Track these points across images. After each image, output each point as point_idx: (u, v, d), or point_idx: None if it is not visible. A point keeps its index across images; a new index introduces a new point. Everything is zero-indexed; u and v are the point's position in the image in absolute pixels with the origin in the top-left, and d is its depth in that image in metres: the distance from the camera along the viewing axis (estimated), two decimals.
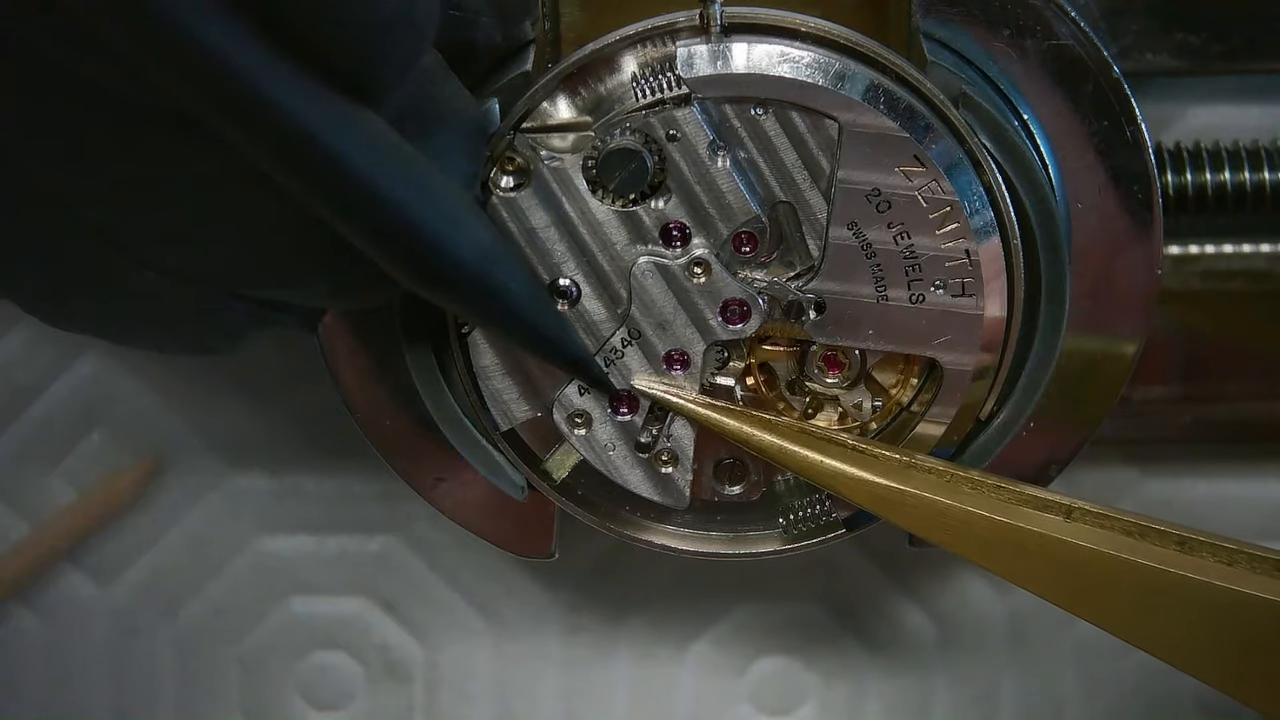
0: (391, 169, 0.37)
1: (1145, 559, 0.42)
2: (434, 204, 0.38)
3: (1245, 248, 0.52)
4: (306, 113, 0.35)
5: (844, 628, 0.56)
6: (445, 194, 0.39)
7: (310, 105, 0.35)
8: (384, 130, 0.38)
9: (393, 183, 0.37)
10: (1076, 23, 0.44)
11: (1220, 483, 0.55)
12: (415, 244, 0.38)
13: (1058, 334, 0.45)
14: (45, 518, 0.55)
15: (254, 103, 0.34)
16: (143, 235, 0.40)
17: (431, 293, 0.40)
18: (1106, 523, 0.42)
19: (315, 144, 0.35)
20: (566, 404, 0.45)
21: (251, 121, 0.35)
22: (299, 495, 0.56)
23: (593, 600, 0.56)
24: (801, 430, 0.44)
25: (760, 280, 0.44)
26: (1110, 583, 0.42)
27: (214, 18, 0.34)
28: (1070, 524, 0.42)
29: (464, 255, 0.39)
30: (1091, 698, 0.56)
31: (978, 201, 0.43)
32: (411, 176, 0.38)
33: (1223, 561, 0.42)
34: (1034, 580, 0.42)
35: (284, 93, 0.35)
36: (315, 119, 0.35)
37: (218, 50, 0.34)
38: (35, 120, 0.37)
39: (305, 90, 0.35)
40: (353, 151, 0.36)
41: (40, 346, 0.55)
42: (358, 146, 0.36)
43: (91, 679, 0.56)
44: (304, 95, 0.35)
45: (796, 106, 0.43)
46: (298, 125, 0.35)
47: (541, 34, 0.45)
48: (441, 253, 0.38)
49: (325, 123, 0.36)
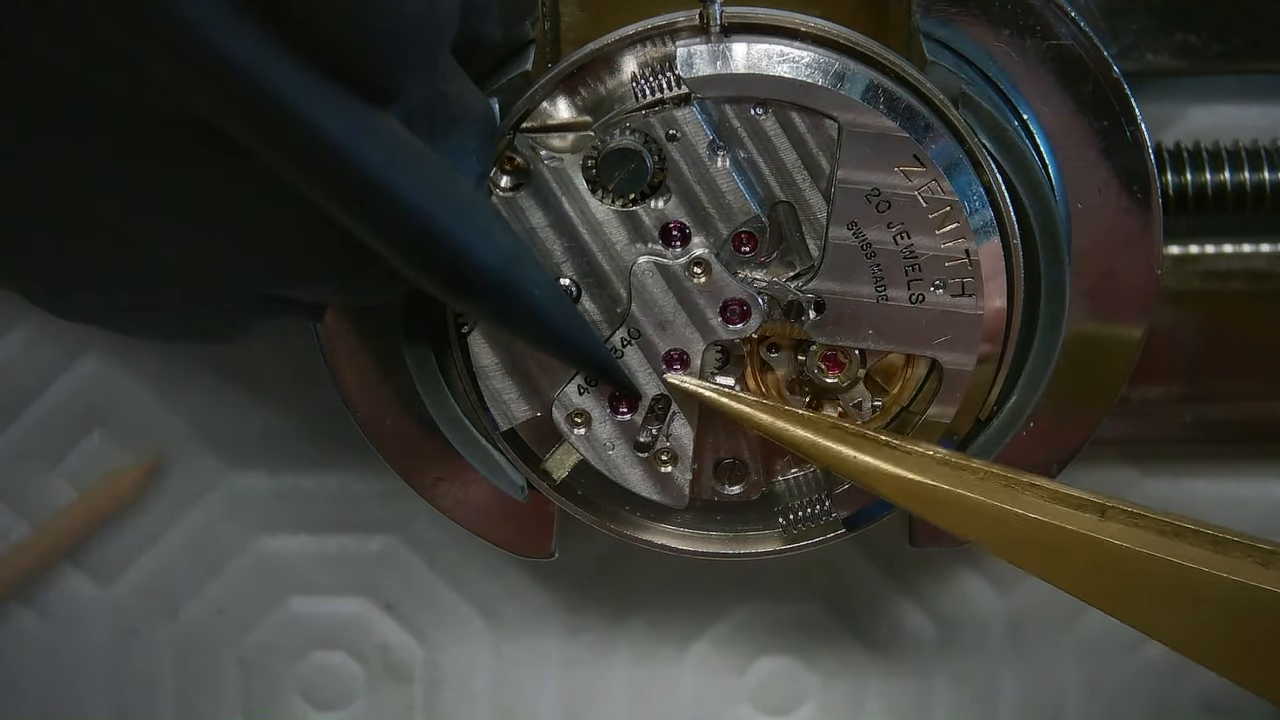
0: (415, 176, 0.37)
1: (1181, 558, 0.41)
2: (457, 210, 0.38)
3: (1245, 248, 0.52)
4: (329, 122, 0.35)
5: (844, 628, 0.56)
6: (467, 199, 0.39)
7: (333, 114, 0.35)
8: (405, 136, 0.38)
9: (416, 190, 0.36)
10: (1076, 23, 0.44)
11: (1220, 483, 0.55)
12: (439, 251, 0.37)
13: (1058, 334, 0.45)
14: (45, 518, 0.55)
15: (276, 113, 0.34)
16: (150, 232, 0.40)
17: (455, 299, 0.40)
18: (1141, 522, 0.42)
19: (338, 153, 0.35)
20: (566, 403, 0.45)
21: (273, 131, 0.34)
22: (299, 495, 0.56)
23: (593, 600, 0.56)
24: (834, 426, 0.43)
25: (760, 280, 0.44)
26: (1146, 581, 0.42)
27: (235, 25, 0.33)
28: (1105, 523, 0.42)
29: (488, 261, 0.38)
30: (1091, 698, 0.56)
31: (978, 201, 0.43)
32: (434, 183, 0.37)
33: (1258, 562, 0.42)
34: (1068, 578, 0.42)
35: (307, 102, 0.34)
36: (338, 128, 0.35)
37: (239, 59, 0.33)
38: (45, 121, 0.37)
39: (328, 98, 0.35)
40: (376, 160, 0.36)
41: (40, 346, 0.55)
42: (381, 154, 0.36)
43: (91, 679, 0.56)
44: (327, 103, 0.35)
45: (796, 106, 0.43)
46: (321, 135, 0.35)
47: (541, 34, 0.45)
48: (466, 259, 0.38)
49: (349, 131, 0.35)
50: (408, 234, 0.37)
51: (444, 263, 0.38)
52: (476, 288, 0.39)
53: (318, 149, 0.35)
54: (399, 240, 0.37)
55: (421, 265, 0.38)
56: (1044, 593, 0.55)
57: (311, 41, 0.35)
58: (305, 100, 0.34)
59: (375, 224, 0.37)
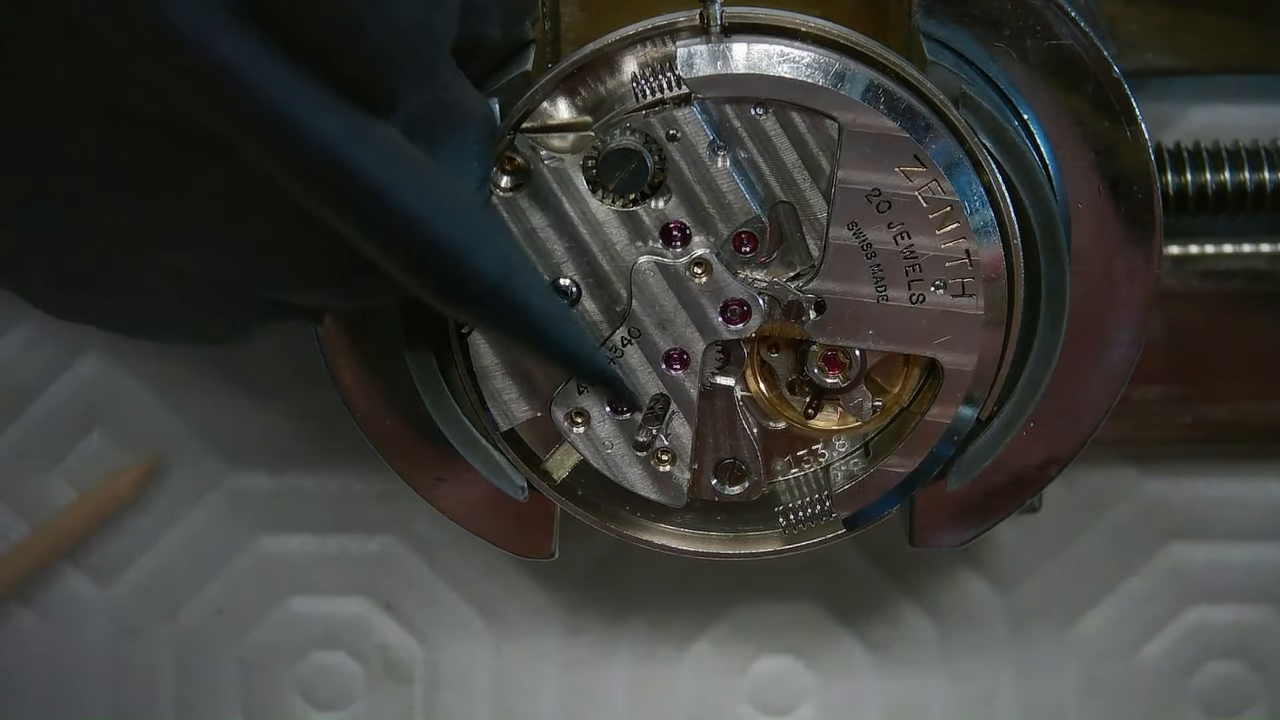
0: (411, 183, 0.36)
1: None
2: (454, 217, 0.37)
3: (1245, 248, 0.52)
4: (323, 127, 0.35)
5: (844, 628, 0.56)
6: (464, 207, 0.39)
7: (327, 119, 0.35)
8: (402, 143, 0.37)
9: (412, 197, 0.36)
10: (1076, 23, 0.44)
11: (1220, 483, 0.55)
12: (435, 259, 0.37)
13: (1058, 334, 0.45)
14: (45, 518, 0.55)
15: (273, 120, 0.34)
16: (151, 237, 0.40)
17: (452, 307, 0.39)
18: None
19: (332, 158, 0.35)
20: (565, 402, 0.45)
21: (266, 135, 0.34)
22: (299, 495, 0.56)
23: (593, 600, 0.56)
24: None
25: (760, 280, 0.44)
26: None
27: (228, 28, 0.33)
28: None
29: (485, 268, 0.38)
30: (1091, 698, 0.56)
31: (978, 201, 0.43)
32: (431, 190, 0.37)
33: None
34: None
35: (300, 106, 0.34)
36: (332, 133, 0.35)
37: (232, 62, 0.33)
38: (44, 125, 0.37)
39: (322, 103, 0.35)
40: (370, 165, 0.35)
41: (40, 346, 0.55)
42: (376, 160, 0.36)
43: (91, 679, 0.56)
44: (320, 108, 0.35)
45: (796, 107, 0.43)
46: (314, 140, 0.34)
47: (541, 34, 0.45)
48: (462, 267, 0.38)
49: (342, 137, 0.35)
50: (403, 241, 0.37)
51: (440, 270, 0.38)
52: (473, 295, 0.39)
53: (311, 154, 0.35)
54: (394, 247, 0.37)
55: (417, 272, 0.37)
56: (1044, 593, 0.55)
57: (306, 48, 0.35)
58: (298, 104, 0.34)
59: (369, 230, 0.36)
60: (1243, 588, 0.55)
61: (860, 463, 0.46)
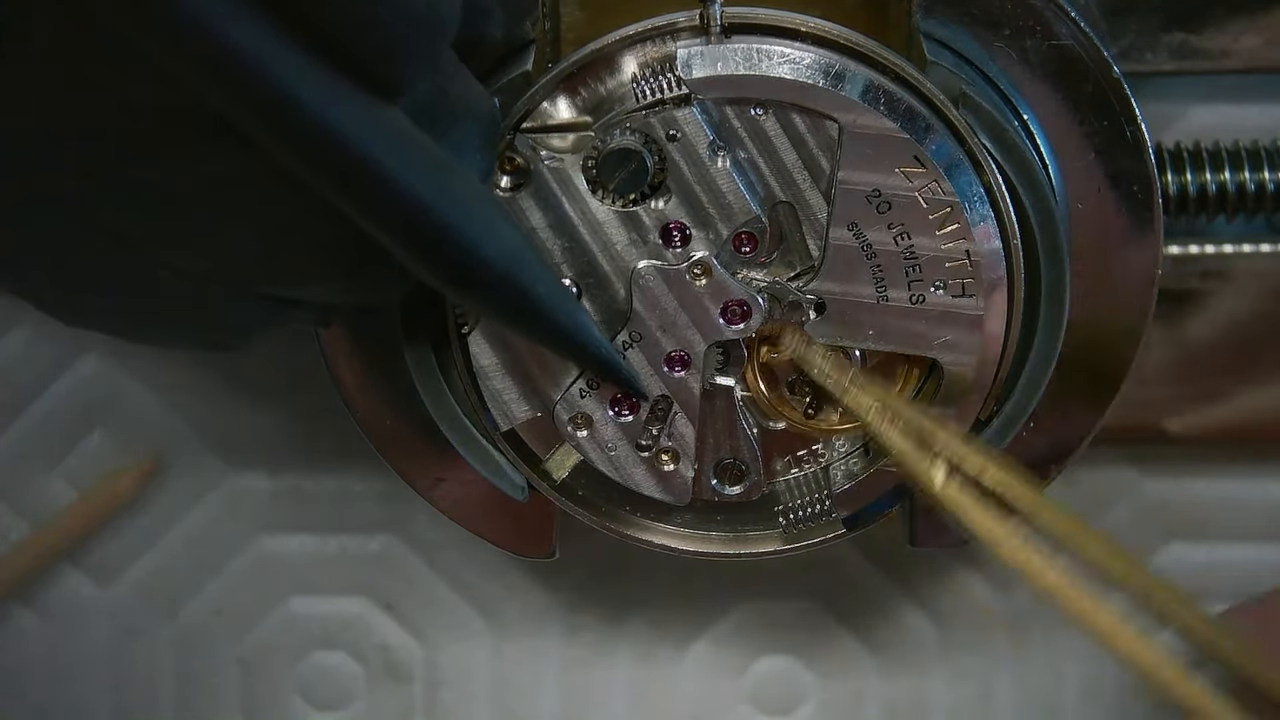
0: (420, 168, 0.37)
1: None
2: (462, 204, 0.38)
3: (1245, 248, 0.52)
4: (336, 114, 0.35)
5: (844, 628, 0.56)
6: (473, 193, 0.39)
7: (339, 106, 0.35)
8: (410, 129, 0.38)
9: (421, 182, 0.36)
10: (1076, 23, 0.44)
11: (1220, 483, 0.55)
12: (444, 245, 0.37)
13: (1058, 334, 0.45)
14: (45, 518, 0.55)
15: (282, 103, 0.34)
16: (155, 235, 0.40)
17: (459, 293, 0.40)
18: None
19: (345, 146, 0.35)
20: (568, 406, 0.45)
21: (276, 119, 0.34)
22: (299, 495, 0.56)
23: (593, 600, 0.56)
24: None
25: (760, 280, 0.44)
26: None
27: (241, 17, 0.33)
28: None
29: (492, 255, 0.38)
30: (1091, 698, 0.56)
31: (978, 202, 0.43)
32: (439, 175, 0.37)
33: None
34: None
35: (313, 93, 0.34)
36: (342, 116, 0.35)
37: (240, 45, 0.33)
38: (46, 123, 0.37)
39: (331, 87, 0.35)
40: (380, 150, 0.36)
41: (40, 346, 0.55)
42: (385, 145, 0.36)
43: (91, 679, 0.56)
44: (330, 92, 0.35)
45: (796, 107, 0.43)
46: (324, 123, 0.35)
47: (541, 34, 0.45)
48: (470, 253, 0.38)
49: (352, 120, 0.35)
50: (412, 226, 0.37)
51: (448, 256, 0.38)
52: (480, 282, 0.39)
53: (321, 138, 0.35)
54: (403, 232, 0.37)
55: (426, 258, 0.38)
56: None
57: (314, 31, 0.35)
58: (308, 88, 0.34)
59: (379, 215, 0.37)
60: (1243, 588, 0.55)
61: (860, 463, 0.46)
